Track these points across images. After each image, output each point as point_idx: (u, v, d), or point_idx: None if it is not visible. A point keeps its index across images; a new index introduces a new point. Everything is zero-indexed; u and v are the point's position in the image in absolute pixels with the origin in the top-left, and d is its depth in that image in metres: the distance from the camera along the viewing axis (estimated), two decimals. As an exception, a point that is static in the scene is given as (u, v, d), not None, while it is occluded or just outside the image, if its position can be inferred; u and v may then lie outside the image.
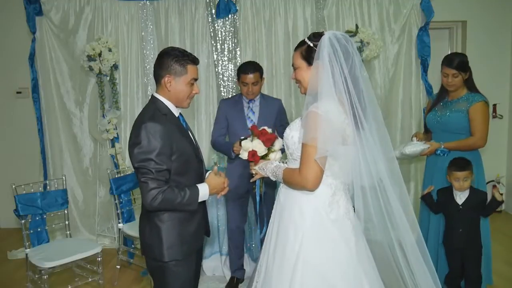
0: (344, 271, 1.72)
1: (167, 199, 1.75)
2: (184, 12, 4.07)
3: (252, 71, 2.93)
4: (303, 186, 1.72)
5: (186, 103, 1.93)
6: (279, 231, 1.84)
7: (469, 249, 2.59)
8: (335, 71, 1.68)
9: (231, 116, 3.07)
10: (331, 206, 1.76)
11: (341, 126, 1.70)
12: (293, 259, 1.74)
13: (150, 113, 1.82)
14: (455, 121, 2.78)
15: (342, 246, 1.74)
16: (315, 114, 1.65)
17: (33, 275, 3.00)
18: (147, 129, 1.74)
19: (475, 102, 2.74)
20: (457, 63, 2.75)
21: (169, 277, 1.88)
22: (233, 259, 3.27)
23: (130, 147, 1.79)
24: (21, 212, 2.97)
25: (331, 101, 1.68)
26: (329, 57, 1.69)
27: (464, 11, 4.55)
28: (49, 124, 4.15)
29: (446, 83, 2.81)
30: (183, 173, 1.86)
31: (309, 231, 1.75)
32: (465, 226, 2.56)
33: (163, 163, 1.75)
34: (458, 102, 2.81)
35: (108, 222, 4.16)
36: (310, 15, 4.11)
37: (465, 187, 2.56)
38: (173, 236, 1.86)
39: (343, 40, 1.71)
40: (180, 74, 1.86)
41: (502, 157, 4.70)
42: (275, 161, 1.98)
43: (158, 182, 1.74)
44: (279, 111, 3.15)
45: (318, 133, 1.64)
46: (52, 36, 4.06)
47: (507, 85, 4.73)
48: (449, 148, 2.75)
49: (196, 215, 1.94)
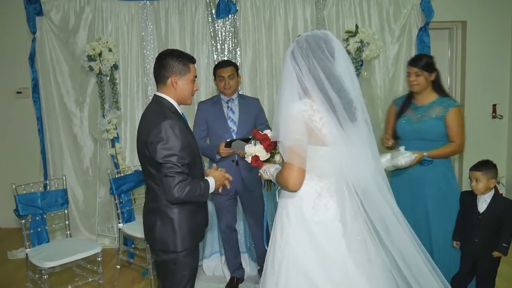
0: (329, 273, 1.69)
1: (191, 191, 1.88)
2: (184, 12, 4.07)
3: (227, 65, 3.02)
4: (286, 186, 1.74)
5: (190, 100, 2.07)
6: (272, 232, 1.88)
7: (484, 258, 2.52)
8: (301, 69, 1.66)
9: (211, 117, 3.06)
10: (315, 208, 1.74)
11: (314, 125, 1.65)
12: (280, 256, 1.77)
13: (163, 111, 1.93)
14: (433, 129, 2.67)
15: (328, 249, 1.71)
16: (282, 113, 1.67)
17: (33, 275, 3.00)
18: (168, 126, 1.85)
19: (451, 107, 2.66)
20: (421, 63, 2.70)
21: (180, 267, 1.99)
22: (229, 259, 3.27)
23: (151, 144, 1.87)
24: (21, 212, 2.97)
25: (297, 100, 1.67)
26: (293, 56, 1.68)
27: (464, 11, 4.55)
28: (49, 124, 4.15)
29: (408, 82, 2.76)
30: (192, 167, 1.98)
31: (293, 231, 1.76)
32: (482, 237, 2.49)
33: (185, 157, 1.89)
34: (432, 107, 2.71)
35: (108, 222, 4.16)
36: (310, 15, 4.11)
37: (478, 188, 2.49)
38: (184, 227, 1.98)
39: (312, 38, 1.67)
40: (184, 73, 1.99)
41: (502, 157, 4.69)
42: (276, 164, 1.99)
43: (183, 176, 1.87)
44: (258, 110, 3.17)
45: (281, 130, 1.67)
46: (52, 36, 4.06)
47: (507, 85, 4.73)
48: (432, 157, 2.64)
49: (202, 207, 2.10)
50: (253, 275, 3.41)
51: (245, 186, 3.05)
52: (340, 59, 1.68)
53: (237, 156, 2.97)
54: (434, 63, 2.75)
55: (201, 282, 3.32)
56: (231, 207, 3.17)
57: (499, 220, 2.49)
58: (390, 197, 1.76)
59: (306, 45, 1.67)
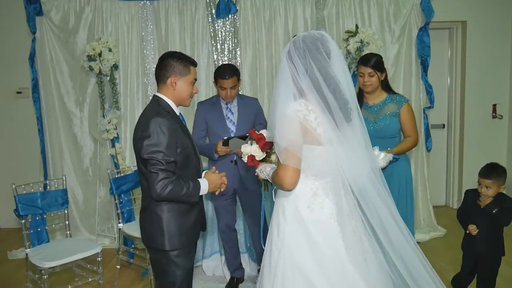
0: (326, 272, 1.70)
1: (175, 189, 1.87)
2: (184, 12, 4.07)
3: (229, 76, 2.90)
4: (281, 186, 1.75)
5: (188, 102, 2.09)
6: (270, 230, 1.88)
7: (487, 257, 2.53)
8: (298, 70, 1.66)
9: (210, 118, 3.06)
10: (310, 207, 1.75)
11: (309, 125, 1.66)
12: (276, 255, 1.78)
13: (155, 110, 1.96)
14: (391, 126, 2.76)
15: (324, 248, 1.72)
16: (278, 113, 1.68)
17: (33, 275, 3.00)
18: (156, 123, 1.86)
19: (403, 103, 2.77)
20: (373, 62, 2.74)
21: (171, 267, 2.00)
22: (229, 259, 3.27)
23: (138, 140, 1.90)
24: (21, 212, 2.97)
25: (292, 100, 1.68)
26: (290, 56, 1.69)
27: (464, 11, 4.55)
28: (49, 124, 4.15)
29: (362, 83, 2.79)
30: (184, 167, 1.98)
31: (289, 230, 1.77)
32: (484, 233, 2.50)
33: (171, 155, 1.88)
34: (385, 105, 2.79)
35: (108, 222, 4.16)
36: (310, 15, 4.11)
37: (488, 195, 2.50)
38: (173, 226, 1.98)
39: (308, 38, 1.68)
40: (184, 74, 2.01)
41: (502, 157, 4.69)
42: (272, 164, 2.00)
43: (167, 173, 1.86)
44: (257, 110, 3.16)
45: (276, 130, 1.67)
46: (52, 36, 4.06)
47: (507, 85, 4.73)
48: (397, 154, 2.70)
49: (195, 208, 2.07)
50: (253, 275, 3.41)
51: (244, 186, 3.05)
52: (336, 60, 1.69)
53: (235, 156, 2.98)
54: (383, 62, 2.82)
55: (201, 282, 3.32)
56: (230, 207, 3.17)
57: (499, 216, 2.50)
58: (387, 196, 1.77)
59: (303, 45, 1.67)
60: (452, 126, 4.87)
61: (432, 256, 1.87)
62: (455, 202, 4.89)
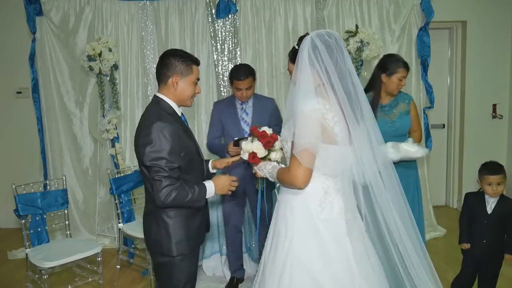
0: (334, 271, 1.70)
1: (179, 196, 1.82)
2: (184, 12, 4.07)
3: (245, 77, 2.89)
4: (293, 184, 1.73)
5: (190, 102, 2.01)
6: (274, 229, 1.87)
7: (490, 260, 2.52)
8: (317, 69, 1.67)
9: (225, 118, 3.05)
10: (321, 206, 1.75)
11: (327, 124, 1.67)
12: (283, 256, 1.76)
13: (157, 113, 1.89)
14: (407, 124, 2.84)
15: (333, 247, 1.72)
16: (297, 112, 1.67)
17: (33, 275, 3.00)
18: (158, 128, 1.80)
19: (410, 100, 2.87)
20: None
21: (176, 271, 1.96)
22: (232, 259, 3.26)
23: (140, 146, 1.84)
24: (21, 212, 2.97)
25: (311, 99, 1.67)
26: (309, 55, 1.68)
27: (464, 11, 4.55)
28: (49, 124, 4.15)
29: (399, 86, 2.80)
30: (188, 171, 1.92)
31: (298, 229, 1.76)
32: (490, 238, 2.48)
33: (175, 161, 1.82)
34: (397, 104, 2.84)
35: (108, 222, 4.16)
36: (310, 15, 4.11)
37: (499, 191, 2.46)
38: (180, 231, 1.94)
39: (325, 36, 1.69)
40: (186, 74, 1.93)
41: (502, 157, 4.69)
42: (273, 162, 1.99)
43: (171, 180, 1.81)
44: (273, 110, 3.12)
45: (297, 129, 1.65)
46: (52, 36, 4.06)
47: (507, 85, 4.73)
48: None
49: (200, 211, 2.03)
50: (253, 275, 3.40)
51: (255, 186, 3.04)
52: (347, 59, 1.71)
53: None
54: None
55: (201, 282, 3.32)
56: (238, 208, 3.16)
57: (506, 221, 2.48)
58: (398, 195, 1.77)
59: (321, 44, 1.67)
60: (452, 126, 4.88)
61: (432, 256, 1.85)
62: (455, 202, 4.89)
